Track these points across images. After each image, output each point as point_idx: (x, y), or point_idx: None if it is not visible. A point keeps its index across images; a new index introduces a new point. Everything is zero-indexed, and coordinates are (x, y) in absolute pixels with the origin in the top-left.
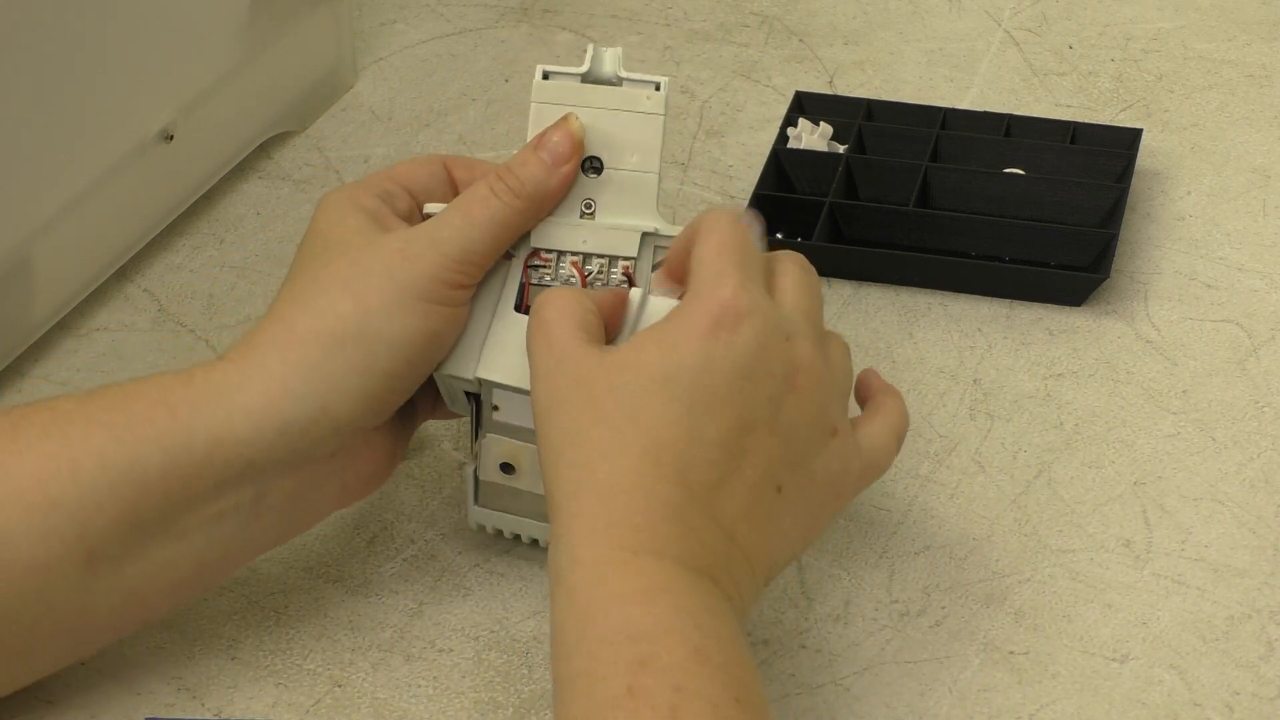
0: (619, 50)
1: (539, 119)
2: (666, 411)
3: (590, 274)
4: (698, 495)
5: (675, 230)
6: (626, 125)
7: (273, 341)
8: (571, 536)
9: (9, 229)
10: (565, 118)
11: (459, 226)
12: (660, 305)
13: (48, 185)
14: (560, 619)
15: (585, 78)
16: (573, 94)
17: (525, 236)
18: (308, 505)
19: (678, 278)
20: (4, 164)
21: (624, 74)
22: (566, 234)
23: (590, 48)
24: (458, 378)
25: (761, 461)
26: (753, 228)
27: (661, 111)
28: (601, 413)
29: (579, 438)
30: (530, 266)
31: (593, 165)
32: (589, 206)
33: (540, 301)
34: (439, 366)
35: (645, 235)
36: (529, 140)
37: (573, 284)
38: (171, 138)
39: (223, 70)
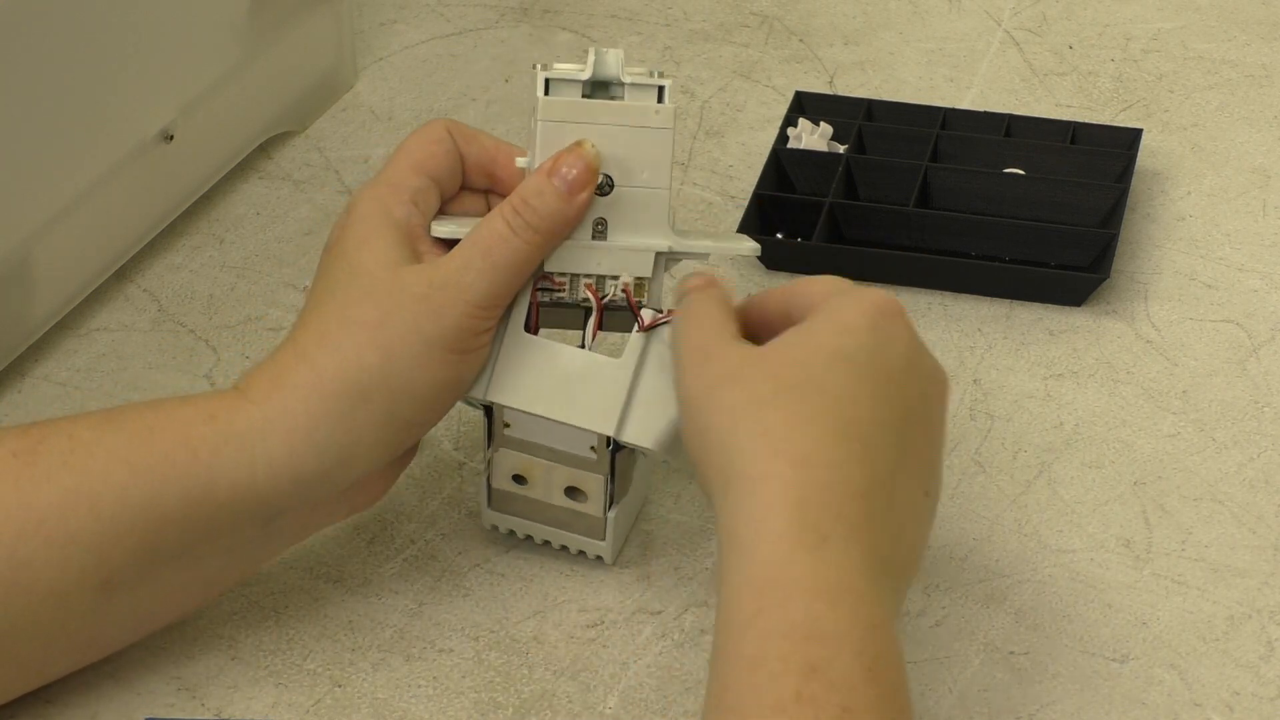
0: (620, 52)
1: (547, 139)
2: (851, 387)
3: (605, 297)
4: (880, 477)
5: (688, 245)
6: (636, 142)
7: (297, 387)
8: (758, 500)
9: (9, 229)
10: (580, 144)
11: (482, 270)
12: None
13: (48, 185)
14: (734, 587)
15: (589, 83)
16: (581, 111)
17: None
18: (316, 526)
19: (755, 325)
20: (4, 164)
21: (627, 77)
22: (580, 256)
23: (592, 51)
24: (468, 400)
25: (918, 456)
26: None
27: (670, 125)
28: (785, 386)
29: (763, 407)
30: (541, 288)
31: (604, 184)
32: (600, 226)
33: (688, 306)
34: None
35: (659, 255)
36: (539, 163)
37: (587, 307)
38: (171, 138)
39: (223, 70)
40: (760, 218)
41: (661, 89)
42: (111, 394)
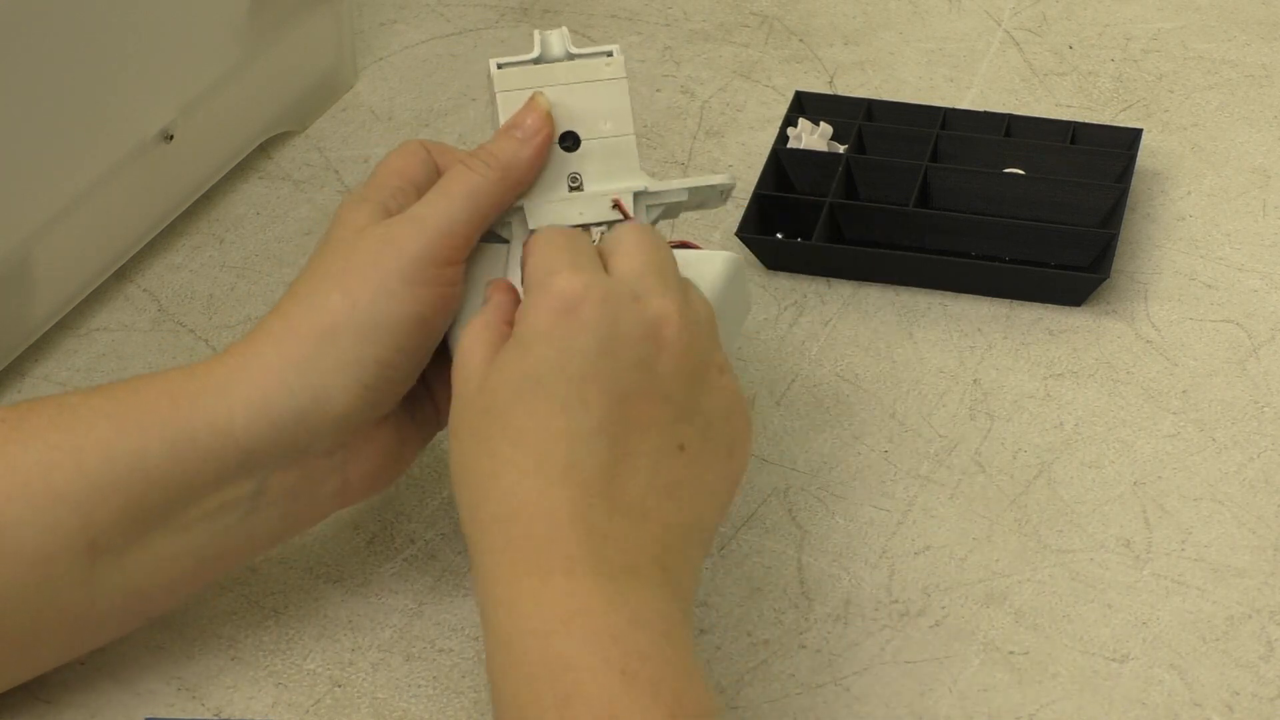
0: (564, 30)
1: (506, 108)
2: (536, 411)
3: (595, 243)
4: (593, 489)
5: (665, 185)
6: (593, 95)
7: (269, 336)
8: (483, 574)
9: (9, 229)
10: (530, 98)
11: (438, 204)
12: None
13: (48, 185)
14: (489, 660)
15: (538, 62)
16: (534, 76)
17: (522, 220)
18: (308, 501)
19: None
20: (4, 164)
21: (574, 50)
22: (561, 210)
23: (536, 34)
24: None
25: (651, 427)
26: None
27: (623, 75)
28: (481, 438)
29: (470, 472)
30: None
31: (569, 141)
32: (575, 180)
33: (466, 329)
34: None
35: (638, 195)
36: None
37: None
38: (171, 138)
39: (223, 70)
40: (760, 218)
41: (610, 52)
42: None
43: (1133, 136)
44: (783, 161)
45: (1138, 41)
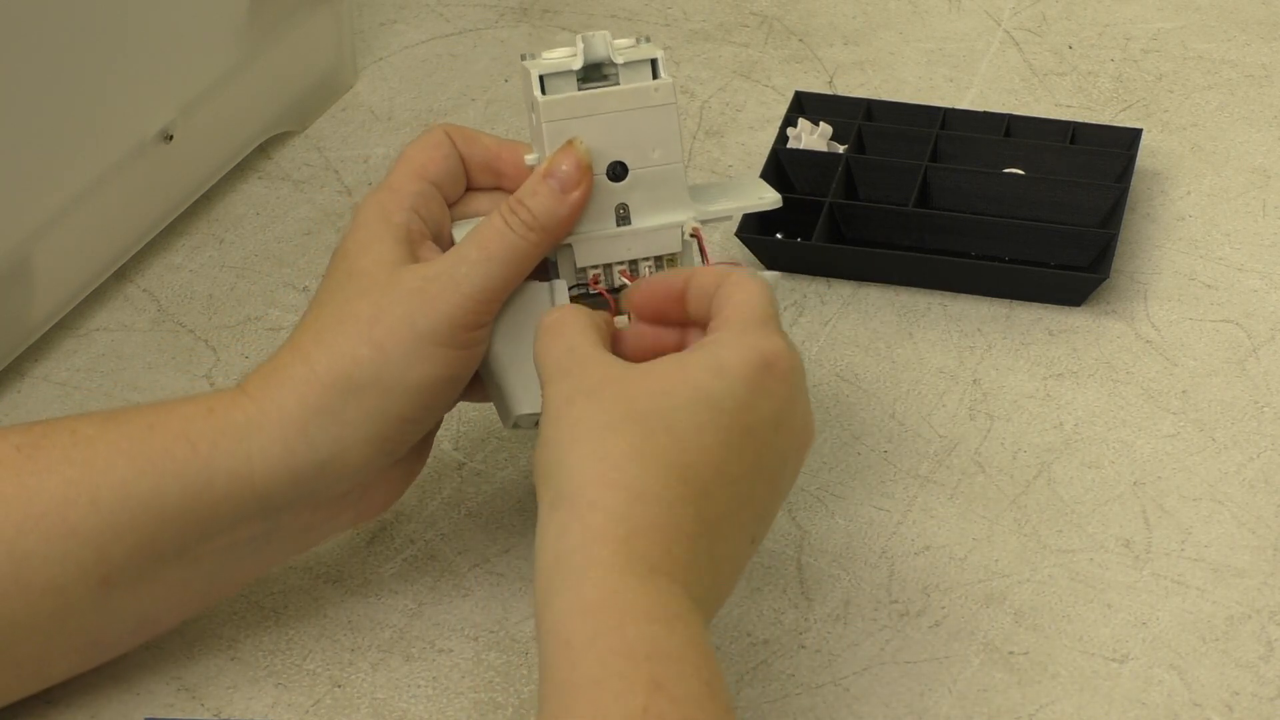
0: (606, 34)
1: (554, 140)
2: (704, 435)
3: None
4: (709, 528)
5: (711, 212)
6: (641, 123)
7: (292, 381)
8: (587, 527)
9: (9, 229)
10: (570, 142)
11: (476, 262)
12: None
13: (48, 185)
14: (562, 610)
15: (582, 70)
16: (582, 105)
17: (570, 259)
18: (319, 532)
19: (657, 315)
20: (4, 164)
21: (617, 55)
22: (609, 246)
23: (579, 39)
24: (536, 413)
25: (755, 510)
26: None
27: (672, 100)
28: (637, 414)
29: (608, 431)
30: (575, 287)
31: (618, 171)
32: (623, 211)
33: (552, 314)
34: (510, 414)
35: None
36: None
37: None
38: (171, 138)
39: (223, 70)
40: (760, 218)
41: (654, 62)
42: (111, 394)
43: (1132, 136)
44: (782, 161)
45: (1138, 41)
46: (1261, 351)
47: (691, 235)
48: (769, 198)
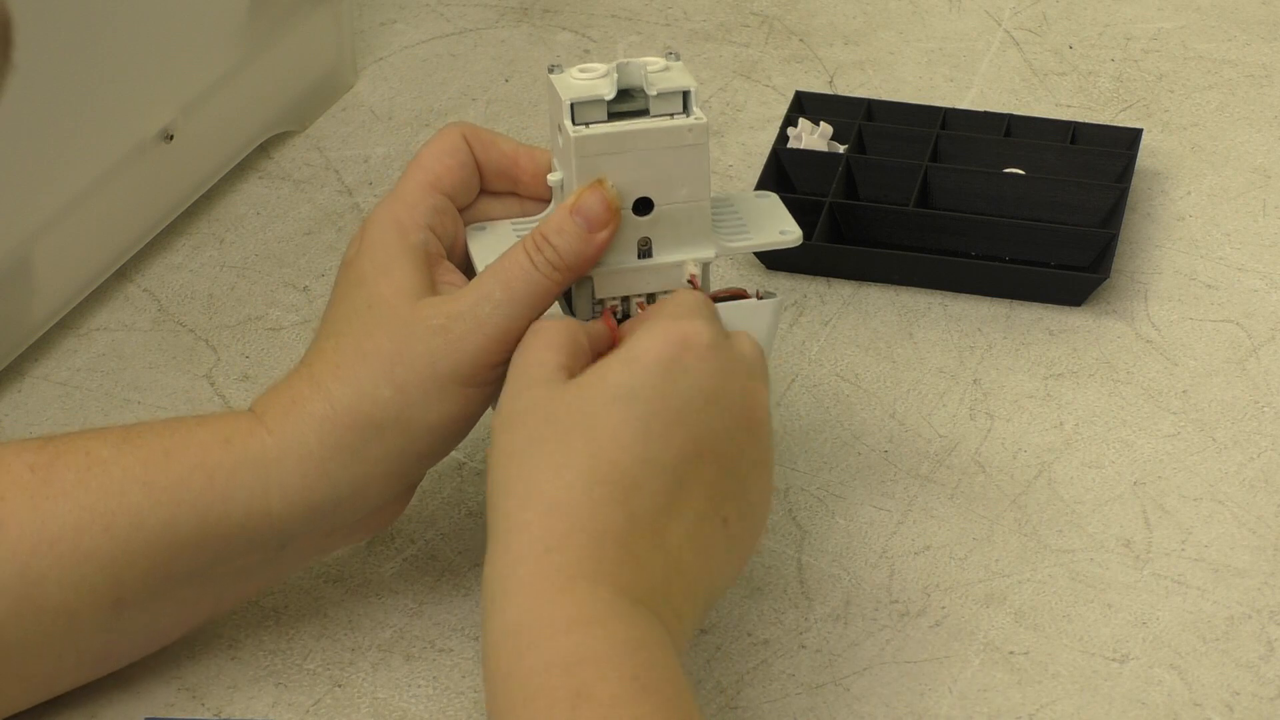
0: (643, 62)
1: (584, 174)
2: (621, 430)
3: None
4: (642, 521)
5: (732, 248)
6: (672, 161)
7: (311, 416)
8: (509, 553)
9: (9, 229)
10: (599, 182)
11: (500, 303)
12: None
13: (48, 185)
14: (494, 643)
15: (615, 98)
16: (615, 142)
17: (589, 292)
18: (329, 550)
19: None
20: (4, 164)
21: (650, 87)
22: (629, 279)
23: (615, 67)
24: None
25: (709, 492)
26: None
27: (705, 140)
28: (557, 428)
29: (530, 450)
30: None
31: (644, 206)
32: (645, 245)
33: (531, 329)
34: None
35: (706, 266)
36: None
37: None
38: (171, 138)
39: (223, 70)
40: None
41: (686, 95)
42: (111, 394)
43: (1133, 136)
44: (783, 161)
45: (1138, 41)
46: (1261, 351)
47: (689, 281)
48: (791, 234)
